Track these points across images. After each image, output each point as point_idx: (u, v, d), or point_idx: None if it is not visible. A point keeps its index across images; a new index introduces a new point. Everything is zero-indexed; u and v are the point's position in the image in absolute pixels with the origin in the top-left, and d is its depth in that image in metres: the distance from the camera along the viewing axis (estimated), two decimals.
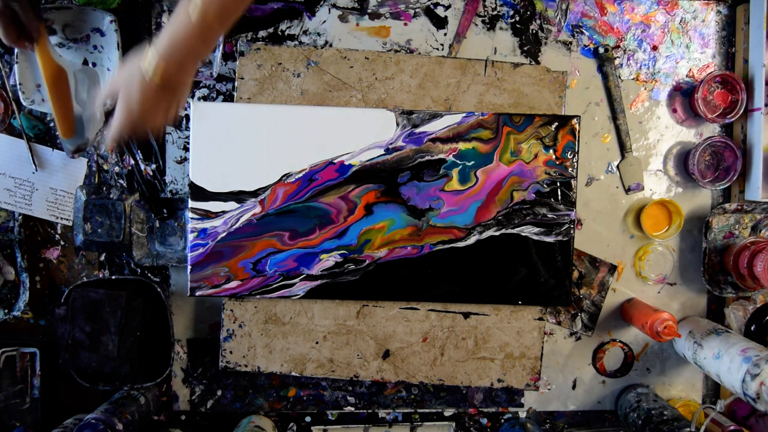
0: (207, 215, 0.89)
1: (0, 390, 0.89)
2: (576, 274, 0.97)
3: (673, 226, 0.96)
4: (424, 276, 0.90)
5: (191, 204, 0.88)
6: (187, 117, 0.89)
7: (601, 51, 0.97)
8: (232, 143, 0.88)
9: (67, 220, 0.94)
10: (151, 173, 0.94)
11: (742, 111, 0.95)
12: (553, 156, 0.90)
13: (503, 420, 1.00)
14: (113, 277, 0.91)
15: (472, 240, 0.90)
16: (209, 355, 0.96)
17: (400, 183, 0.89)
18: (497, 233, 0.90)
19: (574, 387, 1.00)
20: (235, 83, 0.91)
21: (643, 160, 0.98)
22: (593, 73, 0.98)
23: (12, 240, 0.92)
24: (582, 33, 0.97)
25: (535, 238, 0.90)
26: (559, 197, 0.90)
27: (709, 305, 1.00)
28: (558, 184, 0.90)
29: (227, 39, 0.94)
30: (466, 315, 0.93)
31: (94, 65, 0.91)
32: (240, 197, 0.89)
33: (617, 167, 0.98)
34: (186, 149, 0.94)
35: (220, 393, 0.97)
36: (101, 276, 0.95)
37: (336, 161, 0.89)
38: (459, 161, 0.89)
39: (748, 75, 0.96)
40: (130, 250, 0.91)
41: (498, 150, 0.89)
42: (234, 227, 0.89)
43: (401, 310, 0.93)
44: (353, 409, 0.99)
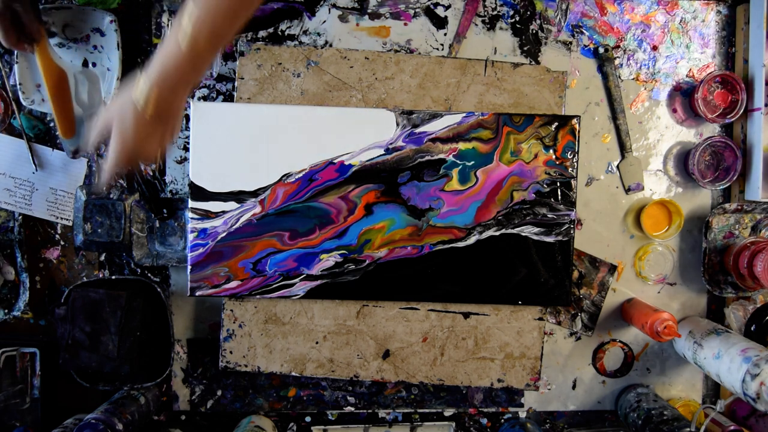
0: (207, 215, 0.89)
1: (0, 390, 0.90)
2: (576, 274, 0.97)
3: (673, 226, 0.96)
4: (424, 276, 0.90)
5: (191, 204, 0.88)
6: (187, 117, 0.89)
7: (601, 51, 0.97)
8: (232, 143, 0.88)
9: (67, 220, 0.94)
10: (151, 173, 0.94)
11: (742, 111, 0.95)
12: (553, 156, 0.90)
13: (503, 420, 1.00)
14: (113, 277, 0.91)
15: (472, 240, 0.90)
16: (209, 355, 0.96)
17: (400, 183, 0.89)
18: (497, 233, 0.90)
19: (574, 387, 1.00)
20: (235, 83, 0.91)
21: (643, 160, 0.98)
22: (593, 73, 0.98)
23: (12, 240, 0.92)
24: (582, 33, 0.97)
25: (535, 238, 0.90)
26: (559, 197, 0.90)
27: (709, 305, 1.00)
28: (558, 184, 0.90)
29: None
30: (466, 315, 0.93)
31: (94, 65, 0.91)
32: (240, 197, 0.89)
33: (617, 167, 0.98)
34: (186, 149, 0.94)
35: (220, 393, 0.97)
36: (101, 276, 0.95)
37: (336, 161, 0.89)
38: (459, 161, 0.89)
39: (748, 75, 0.96)
40: (130, 250, 0.91)
41: (498, 150, 0.89)
42: (234, 227, 0.89)
43: (401, 310, 0.93)
44: (353, 409, 0.99)
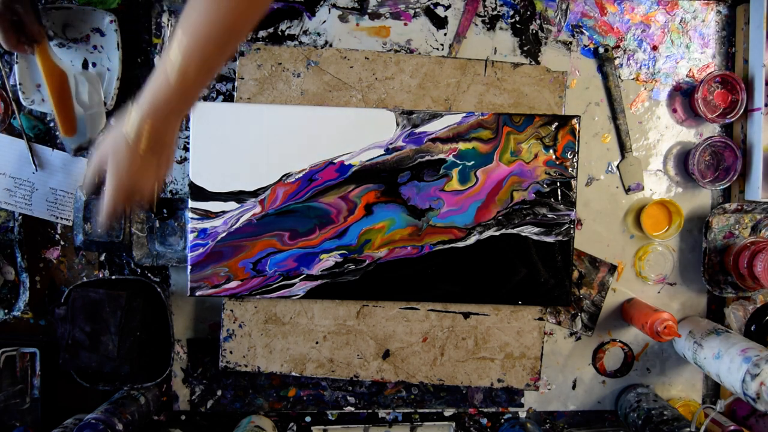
0: (207, 215, 0.89)
1: (0, 390, 0.90)
2: (576, 274, 0.97)
3: (673, 226, 0.96)
4: (424, 276, 0.90)
5: (191, 204, 0.88)
6: (187, 117, 0.89)
7: (601, 51, 0.97)
8: (232, 143, 0.88)
9: (67, 220, 0.94)
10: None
11: (742, 111, 0.95)
12: (553, 156, 0.90)
13: (503, 420, 1.00)
14: (113, 277, 0.91)
15: (472, 240, 0.90)
16: (209, 355, 0.96)
17: (400, 183, 0.89)
18: (497, 233, 0.90)
19: (574, 387, 1.00)
20: (235, 83, 0.91)
21: (643, 160, 0.98)
22: (593, 73, 0.98)
23: (12, 240, 0.92)
24: (582, 33, 0.97)
25: (535, 238, 0.90)
26: (559, 197, 0.90)
27: (709, 305, 1.00)
28: (558, 184, 0.90)
29: None
30: (466, 315, 0.93)
31: (94, 65, 0.91)
32: (240, 197, 0.89)
33: (617, 167, 0.98)
34: (186, 149, 0.94)
35: (220, 393, 0.97)
36: (101, 276, 0.95)
37: (336, 161, 0.89)
38: (459, 161, 0.89)
39: (748, 75, 0.96)
40: (130, 250, 0.91)
41: (498, 150, 0.89)
42: (234, 227, 0.89)
43: (401, 310, 0.93)
44: (353, 409, 0.98)
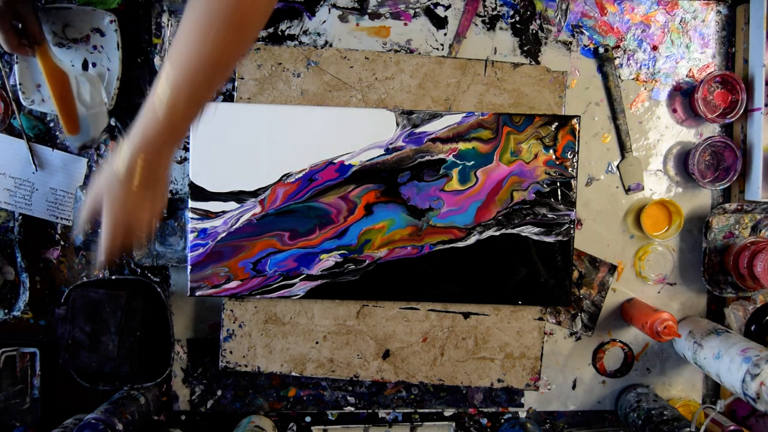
0: (207, 215, 0.89)
1: (0, 390, 0.90)
2: (576, 274, 0.97)
3: (673, 226, 0.96)
4: (424, 276, 0.90)
5: (191, 204, 0.88)
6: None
7: (601, 51, 0.97)
8: (232, 143, 0.88)
9: (67, 220, 0.94)
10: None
11: (742, 111, 0.95)
12: (553, 156, 0.90)
13: (503, 420, 1.00)
14: (113, 277, 0.91)
15: (472, 240, 0.90)
16: (209, 355, 0.96)
17: (400, 183, 0.89)
18: (497, 233, 0.90)
19: (574, 387, 1.00)
20: (235, 83, 0.91)
21: (643, 160, 0.98)
22: (593, 73, 0.98)
23: (12, 240, 0.92)
24: (582, 33, 0.97)
25: (535, 238, 0.90)
26: (559, 197, 0.90)
27: (709, 305, 1.00)
28: (558, 184, 0.90)
29: None
30: (466, 315, 0.93)
31: (94, 65, 0.91)
32: (240, 197, 0.89)
33: (617, 167, 0.98)
34: (186, 149, 0.94)
35: (220, 393, 0.97)
36: (101, 276, 0.95)
37: (336, 161, 0.89)
38: (459, 161, 0.89)
39: (748, 75, 0.96)
40: (130, 250, 0.91)
41: (498, 150, 0.89)
42: (234, 227, 0.89)
43: (401, 310, 0.93)
44: (353, 409, 0.98)
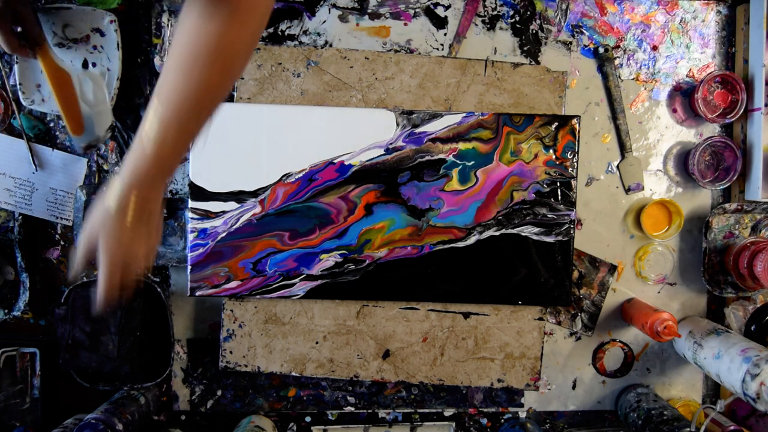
0: (207, 215, 0.89)
1: (0, 390, 0.89)
2: (576, 274, 0.97)
3: (673, 226, 0.96)
4: (424, 276, 0.90)
5: (191, 204, 0.88)
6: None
7: (601, 51, 0.97)
8: (232, 143, 0.88)
9: (67, 220, 0.94)
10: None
11: (742, 111, 0.95)
12: (553, 156, 0.90)
13: (503, 420, 1.00)
14: None
15: (472, 240, 0.90)
16: (209, 355, 0.96)
17: (400, 183, 0.89)
18: (497, 233, 0.90)
19: (574, 387, 1.00)
20: (235, 83, 0.91)
21: (643, 160, 0.98)
22: (593, 73, 0.98)
23: (12, 240, 0.92)
24: (582, 33, 0.97)
25: (535, 238, 0.90)
26: (559, 197, 0.90)
27: (709, 305, 1.00)
28: (558, 184, 0.90)
29: None
30: (466, 315, 0.93)
31: (94, 65, 0.91)
32: (240, 197, 0.89)
33: (617, 167, 0.98)
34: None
35: (220, 393, 0.97)
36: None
37: (336, 161, 0.89)
38: (459, 161, 0.89)
39: (748, 75, 0.96)
40: None
41: (498, 150, 0.89)
42: (234, 227, 0.89)
43: (401, 310, 0.93)
44: (353, 409, 0.98)
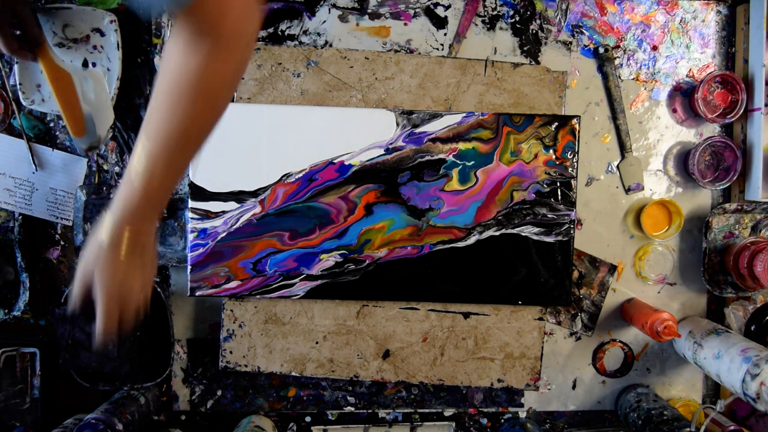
0: (207, 215, 0.89)
1: (0, 390, 0.90)
2: (576, 274, 0.97)
3: (673, 226, 0.96)
4: (424, 276, 0.90)
5: (191, 204, 0.88)
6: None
7: (601, 51, 0.97)
8: (232, 143, 0.88)
9: (67, 220, 0.94)
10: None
11: (742, 111, 0.95)
12: (553, 156, 0.90)
13: (503, 420, 1.00)
14: None
15: (472, 240, 0.90)
16: (209, 355, 0.96)
17: (400, 183, 0.89)
18: (497, 233, 0.90)
19: (574, 387, 1.00)
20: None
21: (643, 160, 0.98)
22: (593, 73, 0.98)
23: (12, 240, 0.92)
24: (582, 33, 0.97)
25: (535, 238, 0.90)
26: (559, 197, 0.90)
27: (709, 305, 1.00)
28: (558, 184, 0.90)
29: None
30: (466, 315, 0.93)
31: (94, 65, 0.91)
32: (240, 197, 0.89)
33: (617, 167, 0.98)
34: None
35: (220, 393, 0.97)
36: None
37: (336, 161, 0.89)
38: (459, 161, 0.89)
39: (748, 75, 0.96)
40: None
41: (498, 150, 0.89)
42: (234, 227, 0.89)
43: (401, 310, 0.93)
44: (353, 409, 0.98)
